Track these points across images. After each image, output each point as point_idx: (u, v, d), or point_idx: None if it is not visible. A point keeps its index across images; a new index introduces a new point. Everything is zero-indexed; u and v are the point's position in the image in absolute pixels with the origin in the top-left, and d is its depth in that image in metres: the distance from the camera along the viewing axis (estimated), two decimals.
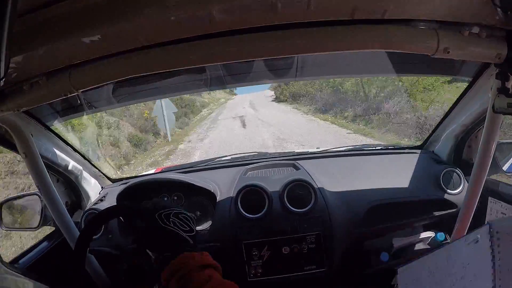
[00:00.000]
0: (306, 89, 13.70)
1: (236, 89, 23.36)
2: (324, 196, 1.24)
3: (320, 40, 0.68)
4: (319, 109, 11.50)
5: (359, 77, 7.64)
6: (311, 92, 13.01)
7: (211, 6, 0.58)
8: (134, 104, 7.36)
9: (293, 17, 0.64)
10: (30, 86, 0.75)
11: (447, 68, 1.19)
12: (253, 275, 1.20)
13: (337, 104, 10.48)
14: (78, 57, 0.70)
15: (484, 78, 1.02)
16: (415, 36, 0.68)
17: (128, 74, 0.73)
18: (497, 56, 0.70)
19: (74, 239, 1.05)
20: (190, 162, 2.46)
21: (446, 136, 1.36)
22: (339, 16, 0.64)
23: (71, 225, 1.08)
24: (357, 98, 9.74)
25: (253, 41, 0.68)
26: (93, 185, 1.44)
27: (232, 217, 1.23)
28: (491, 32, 0.68)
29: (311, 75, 1.36)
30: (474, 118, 1.17)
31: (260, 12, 0.62)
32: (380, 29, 0.67)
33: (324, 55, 1.03)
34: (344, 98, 10.33)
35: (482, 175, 0.91)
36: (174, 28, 0.64)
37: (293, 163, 1.48)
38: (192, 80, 1.22)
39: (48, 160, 1.17)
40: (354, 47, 0.69)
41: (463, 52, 0.70)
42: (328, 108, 10.93)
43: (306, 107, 12.88)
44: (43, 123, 1.13)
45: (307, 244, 1.19)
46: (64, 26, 0.59)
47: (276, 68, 1.21)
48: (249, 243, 1.20)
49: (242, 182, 1.31)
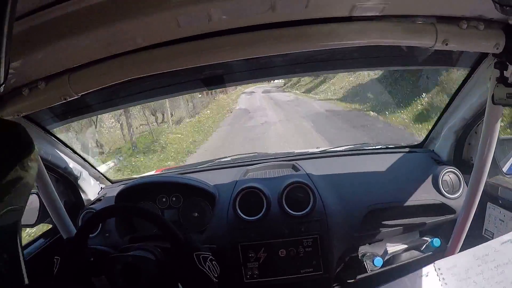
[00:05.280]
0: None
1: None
2: (322, 199, 1.24)
3: (320, 37, 0.68)
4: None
5: (358, 71, 7.63)
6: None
7: (210, 6, 0.58)
8: (134, 106, 7.36)
9: (292, 15, 0.65)
10: (29, 91, 0.75)
11: (445, 59, 1.18)
12: (249, 276, 1.20)
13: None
14: (77, 60, 0.70)
15: (482, 68, 1.01)
16: (414, 30, 0.69)
17: (127, 76, 0.73)
18: (495, 46, 0.70)
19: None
20: (190, 163, 2.47)
21: (446, 133, 1.35)
22: (338, 13, 0.65)
23: (69, 223, 1.09)
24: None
25: (252, 39, 0.68)
26: (93, 185, 1.45)
27: (230, 219, 1.23)
28: (489, 24, 0.68)
29: (313, 70, 1.35)
30: (473, 111, 1.16)
31: (260, 11, 0.62)
32: (378, 24, 0.68)
33: (323, 50, 1.03)
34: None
35: (483, 173, 0.91)
36: (173, 29, 0.64)
37: (292, 164, 1.47)
38: (193, 80, 1.22)
39: (48, 162, 1.18)
40: (354, 42, 0.70)
41: (461, 44, 0.71)
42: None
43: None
44: (43, 127, 1.14)
45: (304, 248, 1.19)
46: (62, 28, 0.59)
47: (274, 65, 1.20)
48: (245, 245, 1.20)
49: (241, 183, 1.31)
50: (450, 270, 0.76)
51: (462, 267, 0.76)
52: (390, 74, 8.89)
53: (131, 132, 8.74)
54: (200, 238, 1.24)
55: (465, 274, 0.76)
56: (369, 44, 0.71)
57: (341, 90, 12.75)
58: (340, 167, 1.44)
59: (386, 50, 1.09)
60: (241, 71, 1.18)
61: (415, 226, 1.27)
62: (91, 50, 0.65)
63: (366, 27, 0.68)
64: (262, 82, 18.03)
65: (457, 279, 0.76)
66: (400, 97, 8.15)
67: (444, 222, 1.26)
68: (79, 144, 6.61)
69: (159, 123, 10.64)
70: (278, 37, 0.68)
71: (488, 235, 1.19)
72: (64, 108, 1.16)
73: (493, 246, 0.78)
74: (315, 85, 17.08)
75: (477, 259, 0.77)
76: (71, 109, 1.19)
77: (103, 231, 1.28)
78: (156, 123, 10.54)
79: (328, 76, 14.20)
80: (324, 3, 0.62)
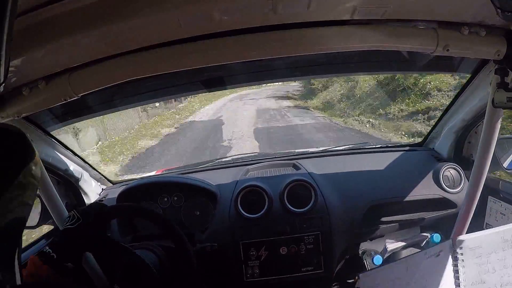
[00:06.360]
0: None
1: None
2: (324, 196, 1.24)
3: (321, 40, 0.68)
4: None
5: (358, 75, 7.65)
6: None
7: (211, 7, 0.58)
8: (134, 107, 7.33)
9: (293, 18, 0.65)
10: (29, 91, 0.74)
11: (446, 65, 1.19)
12: (249, 275, 1.20)
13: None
14: (77, 59, 0.70)
15: (483, 73, 1.02)
16: (415, 35, 0.69)
17: (126, 76, 0.73)
18: (497, 53, 0.70)
19: None
20: (190, 164, 2.47)
21: (446, 133, 1.36)
22: (339, 16, 0.65)
23: None
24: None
25: (254, 41, 0.68)
26: (94, 187, 1.45)
27: (232, 217, 1.23)
28: (490, 30, 0.68)
29: (313, 73, 1.35)
30: (474, 113, 1.17)
31: (261, 13, 0.62)
32: (379, 28, 0.68)
33: (323, 54, 1.03)
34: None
35: (483, 171, 0.91)
36: (175, 29, 0.64)
37: (293, 162, 1.48)
38: (193, 81, 1.22)
39: (49, 165, 1.18)
40: (354, 46, 0.70)
41: (462, 50, 0.71)
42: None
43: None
44: (43, 129, 1.14)
45: (305, 245, 1.19)
46: (63, 26, 0.59)
47: (274, 68, 1.21)
48: (247, 243, 1.20)
49: (243, 182, 1.31)
50: (474, 251, 0.69)
51: (487, 248, 0.70)
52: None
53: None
54: (202, 237, 1.24)
55: (487, 257, 0.69)
56: (370, 48, 0.71)
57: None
58: (341, 165, 1.44)
59: (386, 54, 1.10)
60: (241, 73, 1.18)
61: (417, 221, 1.28)
62: (91, 49, 0.65)
63: (367, 31, 0.68)
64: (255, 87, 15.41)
65: (477, 262, 0.69)
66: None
67: (446, 216, 1.26)
68: (78, 145, 6.49)
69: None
70: (279, 39, 0.68)
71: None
72: (64, 109, 1.17)
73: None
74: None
75: (504, 242, 0.70)
76: (71, 110, 1.19)
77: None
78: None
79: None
80: (325, 6, 0.62)
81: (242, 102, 13.95)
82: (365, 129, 7.49)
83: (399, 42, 0.69)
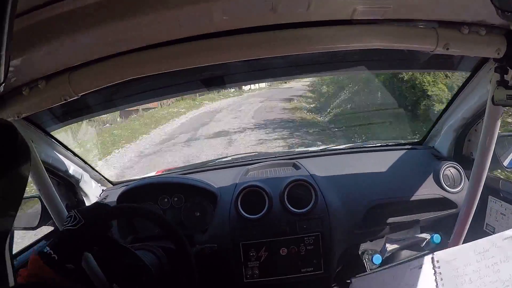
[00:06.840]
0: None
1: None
2: (324, 196, 1.24)
3: (320, 40, 0.68)
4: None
5: (358, 73, 7.61)
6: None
7: (211, 6, 0.58)
8: (134, 107, 7.34)
9: (293, 18, 0.65)
10: (29, 90, 0.74)
11: (445, 63, 1.19)
12: (249, 276, 1.19)
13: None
14: (77, 59, 0.69)
15: (483, 71, 1.02)
16: (415, 34, 0.69)
17: (128, 76, 0.73)
18: (497, 52, 0.71)
19: None
20: (190, 164, 2.47)
21: (446, 131, 1.36)
22: (339, 16, 0.65)
23: None
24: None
25: (253, 41, 0.68)
26: (94, 188, 1.45)
27: (232, 218, 1.23)
28: (490, 29, 0.69)
29: (313, 72, 1.36)
30: (473, 111, 1.17)
31: (261, 13, 0.62)
32: (379, 28, 0.68)
33: (324, 52, 1.03)
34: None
35: (483, 169, 0.91)
36: (174, 28, 0.64)
37: (293, 162, 1.47)
38: (193, 80, 1.22)
39: (49, 165, 1.17)
40: (355, 45, 0.70)
41: (462, 48, 0.71)
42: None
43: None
44: (43, 129, 1.13)
45: (306, 246, 1.19)
46: (63, 26, 0.59)
47: (275, 66, 1.21)
48: (247, 244, 1.20)
49: (243, 182, 1.31)
50: (450, 263, 0.76)
51: (462, 261, 0.76)
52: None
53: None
54: (202, 237, 1.24)
55: (463, 269, 0.76)
56: (370, 47, 0.71)
57: None
58: (341, 165, 1.44)
59: (387, 53, 1.10)
60: (241, 72, 1.18)
61: (417, 221, 1.28)
62: (91, 48, 0.65)
63: (367, 30, 0.68)
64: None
65: (454, 274, 0.75)
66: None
67: (446, 216, 1.26)
68: (78, 146, 6.54)
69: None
70: (279, 39, 0.68)
71: (489, 229, 1.20)
72: (64, 109, 1.16)
73: (495, 241, 0.78)
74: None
75: (477, 254, 0.77)
76: (71, 110, 1.19)
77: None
78: None
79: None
80: (325, 6, 0.62)
81: (206, 128, 8.03)
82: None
83: (399, 42, 0.70)
